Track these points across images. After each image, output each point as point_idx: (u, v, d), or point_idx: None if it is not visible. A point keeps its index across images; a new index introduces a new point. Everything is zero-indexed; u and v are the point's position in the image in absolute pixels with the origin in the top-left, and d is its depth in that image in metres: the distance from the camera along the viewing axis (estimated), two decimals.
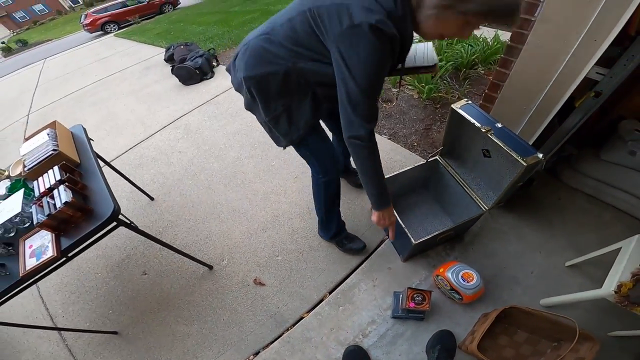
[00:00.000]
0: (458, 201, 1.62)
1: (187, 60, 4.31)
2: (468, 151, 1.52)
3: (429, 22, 0.85)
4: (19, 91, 6.92)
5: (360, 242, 1.73)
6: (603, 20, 1.10)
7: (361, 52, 0.84)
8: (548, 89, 1.36)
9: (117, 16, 13.43)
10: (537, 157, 1.12)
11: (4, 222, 1.20)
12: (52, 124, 1.65)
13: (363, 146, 1.00)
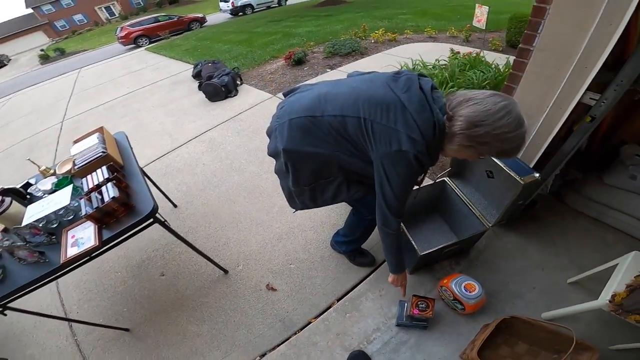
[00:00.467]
0: (463, 219, 1.74)
1: (214, 77, 4.57)
2: (473, 172, 1.67)
3: (452, 151, 1.01)
4: (54, 98, 7.36)
5: (370, 256, 1.86)
6: (592, 49, 1.22)
7: (401, 171, 1.02)
8: (546, 113, 1.47)
9: (149, 31, 14.11)
10: (534, 176, 1.26)
11: (48, 214, 1.36)
12: (100, 129, 1.86)
13: (391, 234, 1.20)
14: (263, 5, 18.17)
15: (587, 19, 1.20)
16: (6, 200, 1.41)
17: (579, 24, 1.23)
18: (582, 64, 1.27)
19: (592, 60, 1.23)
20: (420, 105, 0.96)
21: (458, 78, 3.11)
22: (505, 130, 0.86)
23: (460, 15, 7.83)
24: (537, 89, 1.47)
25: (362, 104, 1.03)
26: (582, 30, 1.23)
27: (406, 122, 0.96)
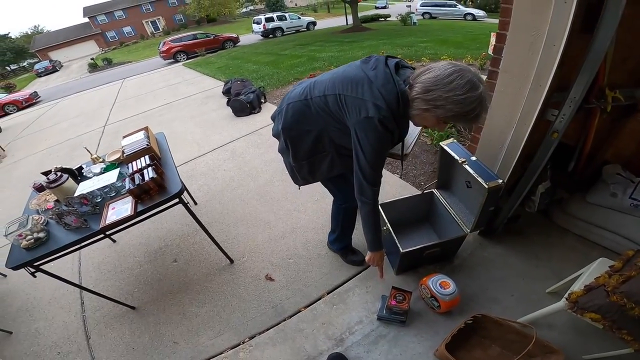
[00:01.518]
0: (448, 226, 1.89)
1: (241, 94, 4.97)
2: (457, 184, 1.84)
3: (415, 118, 1.15)
4: (99, 105, 8.11)
5: (361, 255, 2.04)
6: (543, 69, 1.36)
7: (371, 137, 1.15)
8: (514, 129, 1.60)
9: (188, 47, 15.11)
10: (498, 182, 1.42)
11: (95, 190, 1.68)
12: (145, 128, 2.23)
13: (367, 203, 1.31)
14: (292, 29, 19.16)
15: (536, 42, 1.36)
16: (63, 176, 1.75)
17: (530, 46, 1.40)
18: (536, 82, 1.42)
19: (544, 79, 1.38)
20: (385, 79, 1.11)
21: None
22: (457, 93, 0.97)
23: (480, 44, 8.00)
24: (505, 107, 1.62)
25: (337, 83, 1.22)
26: (533, 52, 1.38)
27: (372, 93, 1.11)
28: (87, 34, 38.70)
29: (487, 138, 1.83)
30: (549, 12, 1.27)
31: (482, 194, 1.48)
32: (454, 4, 22.02)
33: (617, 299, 1.08)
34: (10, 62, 38.85)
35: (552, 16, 1.27)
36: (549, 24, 1.28)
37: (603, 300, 1.14)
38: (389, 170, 2.86)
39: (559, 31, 1.26)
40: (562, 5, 1.22)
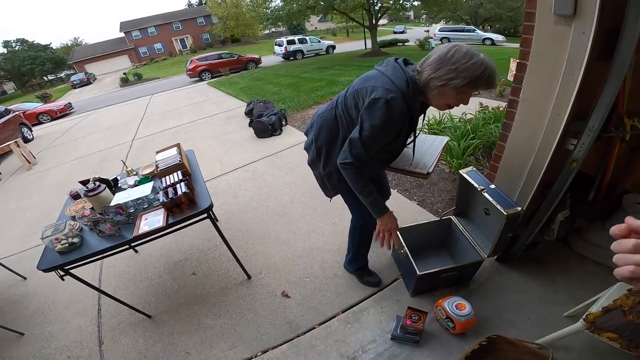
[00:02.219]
0: (465, 252, 1.91)
1: (264, 116, 5.08)
2: (474, 210, 1.87)
3: (435, 98, 1.21)
4: (128, 119, 8.49)
5: (377, 277, 2.07)
6: (562, 98, 1.39)
7: (373, 116, 1.20)
8: (534, 158, 1.62)
9: (213, 66, 15.67)
10: (516, 209, 1.44)
11: (127, 201, 1.79)
12: (177, 144, 2.36)
13: (348, 169, 1.31)
14: (312, 52, 19.71)
15: (556, 71, 1.40)
16: (101, 186, 1.87)
17: (550, 76, 1.43)
18: (556, 111, 1.45)
19: (563, 108, 1.41)
20: (394, 69, 1.24)
21: (480, 131, 3.28)
22: (462, 62, 1.08)
23: (500, 70, 7.92)
24: (525, 136, 1.65)
25: (356, 83, 1.34)
26: (553, 82, 1.42)
27: (383, 80, 1.22)
28: (121, 49, 40.34)
29: (506, 167, 1.86)
30: (567, 42, 1.32)
31: (501, 220, 1.51)
32: (472, 29, 22.22)
33: (633, 318, 1.10)
34: (49, 72, 40.50)
35: (570, 46, 1.31)
36: (568, 54, 1.33)
37: (620, 319, 1.16)
38: (406, 196, 2.91)
39: (577, 60, 1.30)
40: (580, 36, 1.27)
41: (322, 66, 13.04)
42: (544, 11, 1.40)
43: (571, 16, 1.28)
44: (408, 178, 3.13)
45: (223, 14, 35.96)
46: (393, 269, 2.16)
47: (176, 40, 42.10)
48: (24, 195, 4.79)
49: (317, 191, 3.02)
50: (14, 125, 8.79)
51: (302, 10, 14.78)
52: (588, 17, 1.23)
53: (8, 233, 3.65)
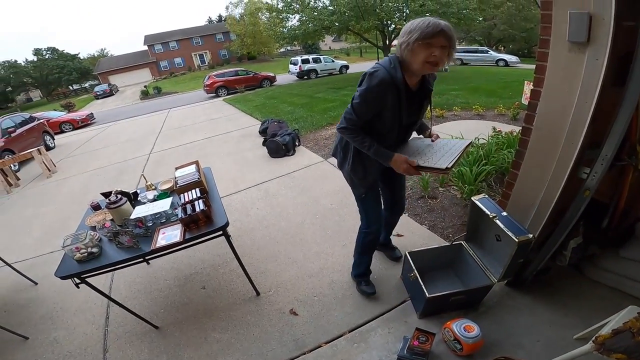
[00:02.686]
0: (474, 275, 1.92)
1: (278, 136, 5.10)
2: (485, 236, 1.88)
3: (412, 61, 1.39)
4: (146, 132, 8.73)
5: (373, 289, 2.14)
6: (575, 126, 1.40)
7: (362, 88, 1.46)
8: (546, 186, 1.63)
9: (229, 83, 16.05)
10: (528, 236, 1.47)
11: (147, 215, 1.85)
12: (195, 161, 2.43)
13: (344, 131, 1.59)
14: (326, 71, 19.84)
15: (569, 99, 1.41)
16: (123, 199, 1.94)
17: (564, 103, 1.45)
18: (569, 140, 1.46)
19: (576, 137, 1.42)
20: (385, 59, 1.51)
21: (493, 157, 3.27)
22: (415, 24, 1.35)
23: (513, 92, 7.90)
24: (538, 164, 1.66)
25: None
26: (566, 109, 1.44)
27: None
28: (143, 62, 41.44)
29: (519, 194, 1.87)
30: (581, 69, 1.34)
31: (512, 247, 1.53)
32: (485, 50, 22.21)
33: None
34: (74, 81, 42.07)
35: (584, 73, 1.34)
36: (582, 81, 1.35)
37: (629, 341, 1.18)
38: (417, 221, 2.91)
39: (591, 87, 1.32)
40: (593, 62, 1.29)
41: (336, 86, 13.19)
42: (558, 38, 1.43)
43: (585, 43, 1.31)
44: (419, 202, 3.16)
45: (241, 31, 37.14)
46: (402, 291, 2.16)
47: (195, 55, 43.06)
48: (41, 202, 4.94)
49: (328, 213, 3.13)
50: (38, 133, 9.16)
51: (318, 30, 15.16)
52: (602, 44, 1.25)
53: (23, 238, 3.75)
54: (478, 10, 13.53)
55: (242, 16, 38.45)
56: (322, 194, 3.60)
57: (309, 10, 14.36)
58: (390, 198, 2.11)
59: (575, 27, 1.33)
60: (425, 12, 12.90)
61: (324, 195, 3.55)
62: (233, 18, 38.91)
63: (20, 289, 2.76)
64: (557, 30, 1.44)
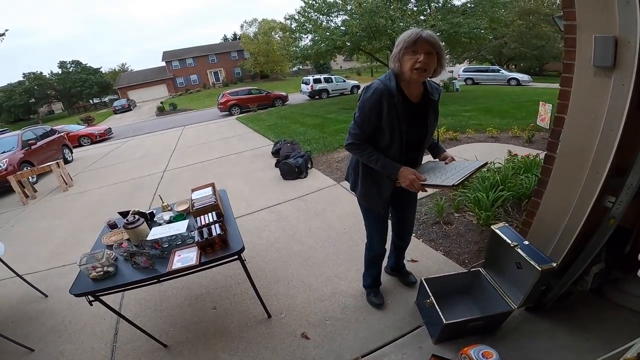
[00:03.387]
0: (492, 301, 1.88)
1: (290, 157, 5.08)
2: (505, 264, 1.84)
3: (400, 71, 1.47)
4: (161, 149, 8.91)
5: (380, 299, 2.23)
6: (601, 154, 1.36)
7: (361, 101, 1.54)
8: (570, 215, 1.59)
9: (242, 101, 16.31)
10: (551, 265, 1.44)
11: (163, 237, 1.86)
12: (211, 183, 2.46)
13: (350, 147, 1.65)
14: (337, 91, 20.03)
15: (594, 127, 1.38)
16: (140, 220, 1.97)
17: (588, 131, 1.42)
18: (594, 168, 1.42)
19: (602, 165, 1.38)
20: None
21: (510, 181, 3.18)
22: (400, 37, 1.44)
23: (527, 113, 7.79)
24: (561, 193, 1.63)
25: None
26: (592, 137, 1.40)
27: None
28: (160, 78, 42.68)
29: (541, 223, 1.84)
30: (607, 95, 1.31)
31: (534, 275, 1.52)
32: (497, 69, 22.13)
33: None
34: (95, 95, 43.27)
35: (610, 99, 1.30)
36: (608, 107, 1.32)
37: None
38: (431, 247, 2.86)
39: (617, 114, 1.29)
40: (619, 88, 1.27)
41: (347, 107, 13.26)
42: (583, 63, 1.41)
43: (611, 68, 1.29)
44: (434, 228, 3.11)
45: (255, 50, 38.15)
46: (416, 316, 2.11)
47: (210, 72, 44.16)
48: (56, 215, 5.04)
49: (341, 237, 3.12)
50: (57, 146, 9.45)
51: (330, 50, 15.47)
52: (628, 68, 1.23)
53: (37, 250, 3.81)
54: (490, 30, 13.61)
55: (256, 35, 39.56)
56: (334, 217, 3.57)
57: (321, 31, 14.70)
58: (398, 222, 2.13)
59: (601, 51, 1.31)
60: (436, 32, 13.02)
61: (336, 219, 3.52)
62: (247, 36, 40.07)
63: (30, 300, 2.79)
64: (582, 55, 1.42)
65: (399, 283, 2.43)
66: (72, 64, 42.77)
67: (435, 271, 2.47)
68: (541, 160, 3.40)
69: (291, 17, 15.89)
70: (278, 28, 32.77)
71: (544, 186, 1.75)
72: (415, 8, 14.36)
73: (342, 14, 14.99)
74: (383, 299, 2.23)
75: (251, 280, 2.02)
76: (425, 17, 13.73)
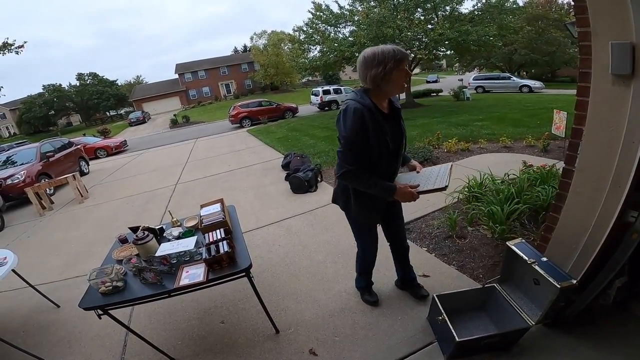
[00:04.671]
0: (508, 317, 1.82)
1: (300, 171, 5.05)
2: (521, 280, 1.79)
3: (391, 87, 1.55)
4: (174, 162, 9.05)
5: (374, 297, 2.36)
6: (622, 168, 1.30)
7: (342, 122, 1.57)
8: (590, 231, 1.52)
9: (253, 113, 16.45)
10: (571, 282, 1.40)
11: (171, 253, 1.86)
12: (220, 199, 2.46)
13: (345, 176, 1.63)
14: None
15: (615, 139, 1.32)
16: (149, 236, 1.98)
17: (608, 144, 1.36)
18: (615, 182, 1.36)
19: (624, 179, 1.32)
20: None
21: (526, 194, 3.06)
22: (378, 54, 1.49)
23: (540, 121, 7.64)
24: (580, 208, 1.57)
25: None
26: (612, 150, 1.34)
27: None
28: (173, 90, 43.62)
29: (560, 238, 1.77)
30: (627, 105, 1.26)
31: (553, 292, 1.48)
32: (508, 76, 21.95)
33: None
34: (111, 107, 44.50)
35: (630, 108, 1.25)
36: (628, 117, 1.26)
37: None
38: (444, 261, 2.79)
39: (638, 125, 1.23)
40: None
41: None
42: (600, 71, 1.36)
43: (629, 75, 1.24)
44: (446, 242, 3.04)
45: (265, 62, 38.72)
46: (428, 332, 2.04)
47: (222, 84, 44.93)
48: (71, 227, 5.14)
49: (351, 252, 3.03)
50: (74, 158, 9.70)
51: (339, 61, 15.62)
52: None
53: (51, 261, 3.87)
54: (498, 37, 13.53)
55: (266, 47, 40.18)
56: (344, 232, 3.49)
57: (329, 42, 14.88)
58: (389, 230, 2.17)
59: (618, 58, 1.26)
60: (445, 41, 13.08)
61: (346, 234, 3.43)
62: (257, 48, 40.72)
63: (42, 310, 2.82)
64: (598, 62, 1.37)
65: (409, 298, 2.37)
66: (90, 76, 44.19)
67: (449, 286, 2.40)
68: (558, 171, 3.35)
69: (299, 28, 16.16)
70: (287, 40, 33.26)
71: (562, 201, 1.69)
72: (423, 17, 14.40)
73: (349, 24, 15.16)
74: (377, 295, 2.36)
75: (259, 296, 2.00)
76: (432, 25, 13.75)
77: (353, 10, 14.80)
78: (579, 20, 1.44)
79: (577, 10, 1.42)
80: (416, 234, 3.27)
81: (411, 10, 13.87)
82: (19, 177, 7.04)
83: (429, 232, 3.26)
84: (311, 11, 15.38)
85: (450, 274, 2.60)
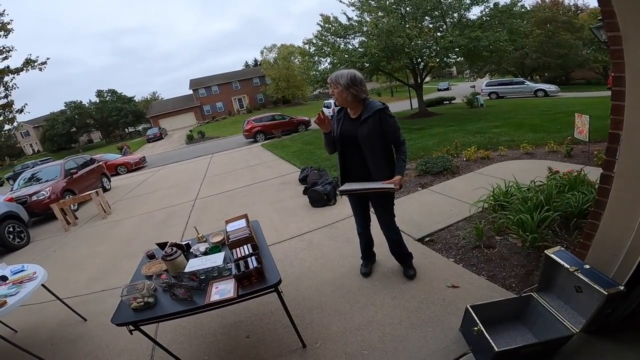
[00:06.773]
0: (549, 326, 1.78)
1: (318, 184, 5.03)
2: (562, 288, 1.76)
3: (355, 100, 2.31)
4: (191, 178, 9.20)
5: (364, 270, 2.87)
6: None
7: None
8: (633, 237, 1.49)
9: (266, 127, 16.55)
10: (619, 288, 1.38)
11: (200, 269, 1.88)
12: (244, 215, 2.48)
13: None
14: None
15: None
16: (177, 252, 2.00)
17: None
18: None
19: None
20: None
21: (556, 201, 2.96)
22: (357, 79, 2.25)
23: (561, 125, 7.43)
24: (622, 214, 1.54)
25: None
26: None
27: None
28: (188, 106, 44.44)
29: (601, 245, 1.73)
30: None
31: (599, 299, 1.45)
32: (521, 81, 21.45)
33: None
34: (130, 124, 45.62)
35: None
36: None
37: None
38: (473, 271, 2.72)
39: None
40: None
41: None
42: (635, 74, 1.35)
43: None
44: (474, 252, 2.97)
45: (276, 75, 39.17)
46: (461, 343, 1.99)
47: (235, 99, 45.61)
48: (95, 242, 5.26)
49: (375, 265, 2.97)
50: (97, 175, 10.01)
51: None
52: None
53: (76, 275, 3.96)
54: (509, 42, 13.38)
55: (276, 60, 40.79)
56: None
57: (339, 53, 14.93)
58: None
59: None
60: (455, 48, 13.00)
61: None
62: (268, 62, 41.37)
63: (69, 323, 2.87)
64: (632, 66, 1.36)
65: (439, 309, 2.32)
66: (108, 93, 45.49)
67: (480, 297, 2.32)
68: (586, 176, 3.28)
69: (309, 41, 16.35)
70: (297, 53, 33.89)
71: (601, 207, 1.65)
72: (432, 25, 14.42)
73: (359, 35, 15.26)
74: (371, 270, 2.87)
75: (287, 311, 1.99)
76: (442, 33, 13.73)
77: (361, 21, 14.93)
78: (607, 25, 1.43)
79: (605, 14, 1.42)
80: (441, 245, 3.20)
81: (419, 19, 13.90)
82: (44, 194, 7.29)
83: (454, 242, 3.18)
84: (320, 24, 15.60)
85: (480, 285, 2.52)
